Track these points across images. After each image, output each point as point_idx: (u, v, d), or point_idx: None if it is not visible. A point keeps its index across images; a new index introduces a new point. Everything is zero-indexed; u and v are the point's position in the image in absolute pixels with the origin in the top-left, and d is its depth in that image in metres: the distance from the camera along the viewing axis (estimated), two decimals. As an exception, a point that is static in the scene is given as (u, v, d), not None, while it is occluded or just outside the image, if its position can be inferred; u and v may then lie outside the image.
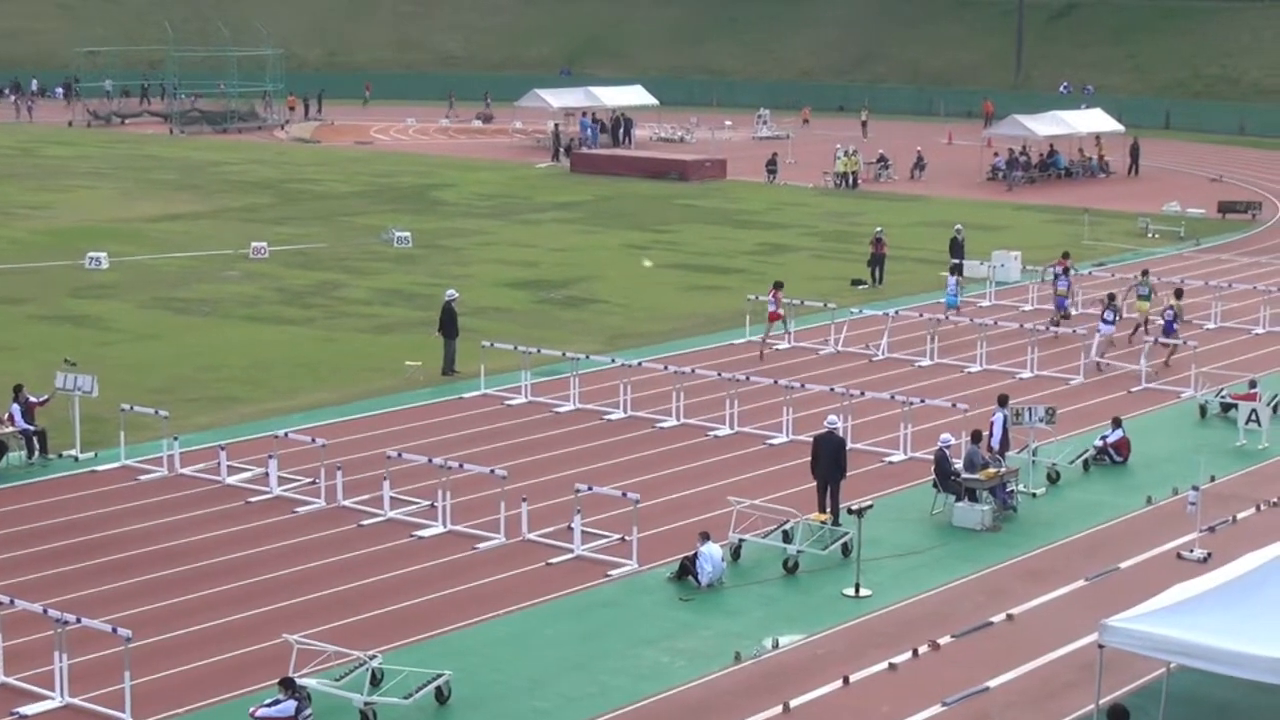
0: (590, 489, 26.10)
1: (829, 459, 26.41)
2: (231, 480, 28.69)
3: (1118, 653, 18.94)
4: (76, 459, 29.93)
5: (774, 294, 39.67)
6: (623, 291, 47.23)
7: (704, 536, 24.34)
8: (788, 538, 25.27)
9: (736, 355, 38.91)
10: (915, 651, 21.84)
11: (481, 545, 25.70)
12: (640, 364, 35.31)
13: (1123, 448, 30.68)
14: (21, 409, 29.83)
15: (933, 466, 27.75)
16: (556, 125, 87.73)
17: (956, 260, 47.59)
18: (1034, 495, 28.56)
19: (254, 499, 27.86)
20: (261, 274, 49.23)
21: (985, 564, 25.33)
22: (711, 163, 76.73)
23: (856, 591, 23.90)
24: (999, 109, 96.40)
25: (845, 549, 25.22)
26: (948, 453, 27.41)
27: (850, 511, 24.66)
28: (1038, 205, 67.38)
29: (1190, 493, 25.81)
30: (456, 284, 41.59)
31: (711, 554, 24.14)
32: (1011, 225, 61.16)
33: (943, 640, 22.25)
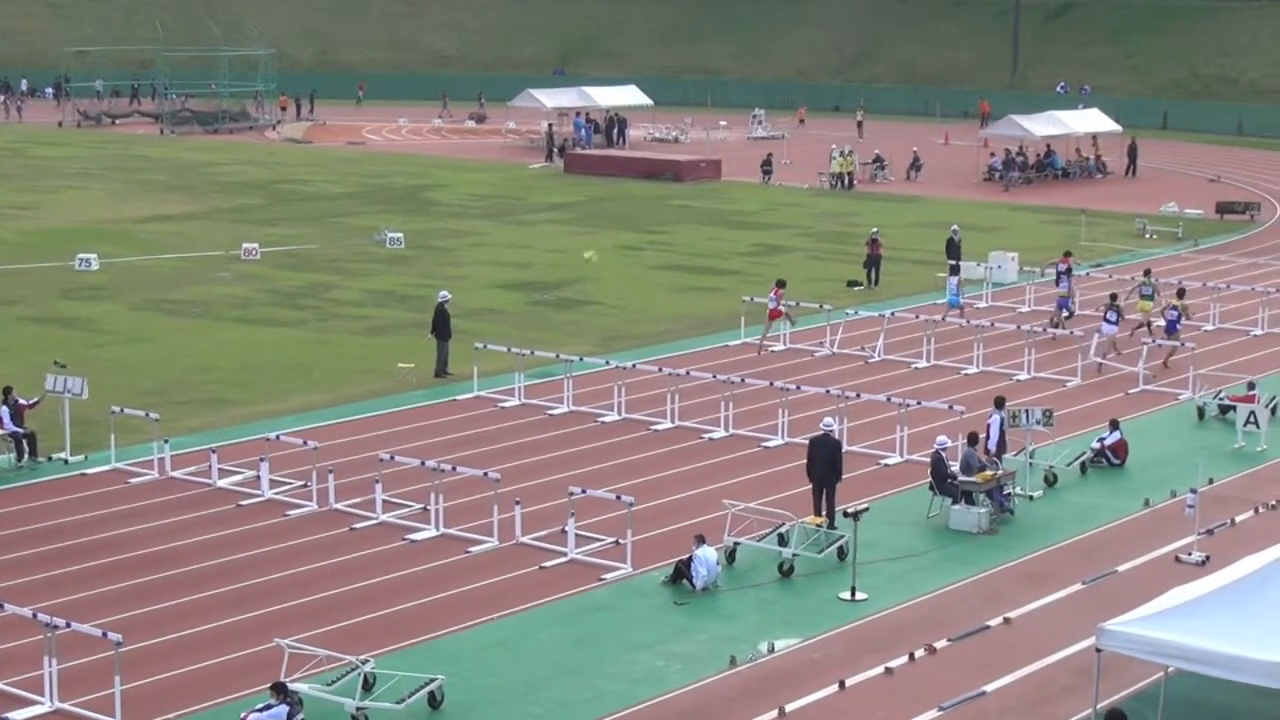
0: (584, 492, 25.98)
1: (825, 461, 26.33)
2: (223, 483, 28.54)
3: (1115, 657, 18.93)
4: (66, 462, 29.77)
5: (775, 292, 39.62)
6: (617, 293, 47.09)
7: (699, 540, 24.22)
8: (783, 541, 25.18)
9: (731, 357, 38.78)
10: (911, 655, 21.74)
11: (474, 549, 25.57)
12: (634, 366, 35.18)
13: (1120, 450, 30.56)
14: (11, 411, 29.69)
15: (929, 469, 27.65)
16: (550, 125, 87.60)
17: (955, 261, 47.40)
18: (1031, 498, 28.45)
19: (245, 502, 27.72)
20: (253, 275, 49.07)
21: (982, 567, 25.23)
22: (706, 163, 76.59)
23: (852, 595, 23.80)
24: (995, 109, 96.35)
25: (841, 552, 25.11)
26: (944, 455, 27.29)
27: (846, 514, 24.52)
28: (1034, 206, 67.30)
29: (1188, 495, 25.71)
30: (449, 285, 41.43)
31: (706, 557, 24.02)
32: (1008, 226, 61.07)
33: (939, 644, 22.16)
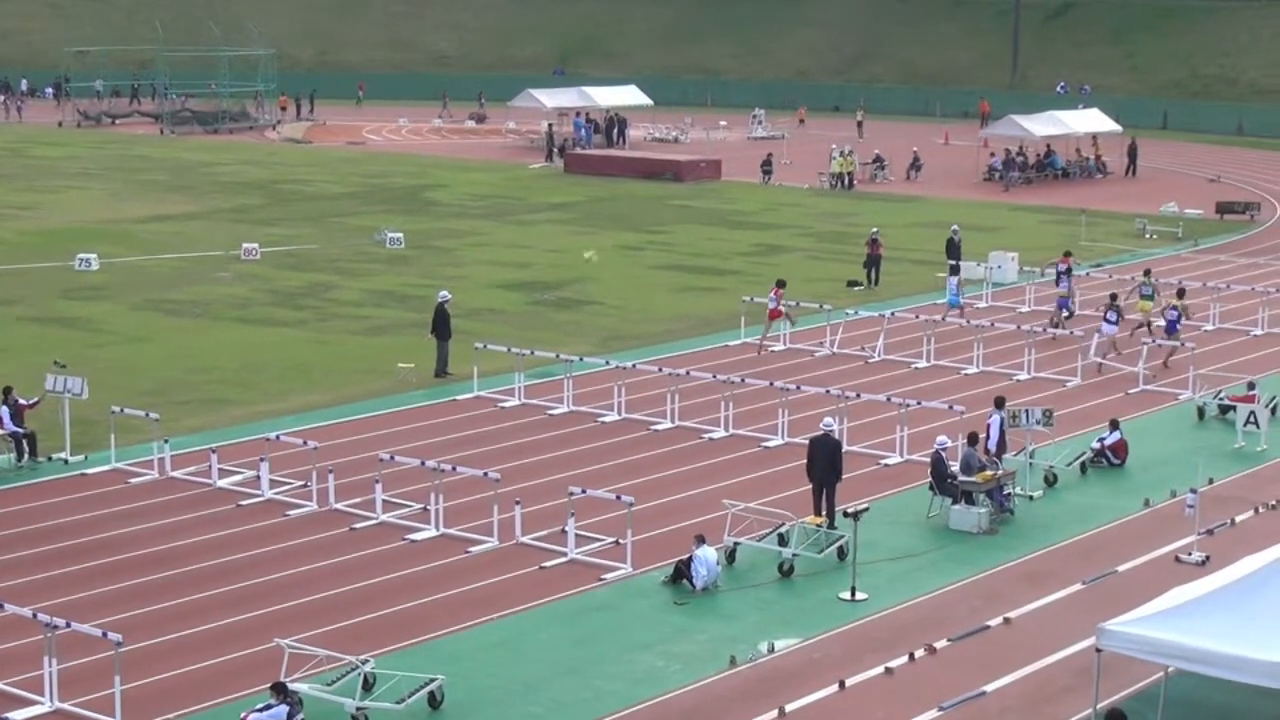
0: (584, 492, 25.97)
1: (825, 461, 26.31)
2: (222, 483, 28.52)
3: (1115, 657, 18.91)
4: (66, 462, 29.75)
5: (775, 292, 39.63)
6: (617, 293, 47.07)
7: (699, 540, 24.21)
8: (783, 541, 25.16)
9: (731, 357, 38.76)
10: (911, 655, 21.73)
11: (474, 549, 25.56)
12: (635, 366, 35.16)
13: (1120, 450, 30.54)
14: (11, 411, 29.67)
15: (929, 469, 27.63)
16: (550, 125, 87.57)
17: (956, 261, 47.36)
18: (1031, 498, 28.43)
19: (245, 502, 27.70)
20: (253, 275, 49.04)
21: (982, 567, 25.21)
22: (706, 163, 76.55)
23: (852, 595, 23.79)
24: (995, 109, 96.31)
25: (841, 552, 25.09)
26: (944, 455, 27.28)
27: (846, 514, 24.50)
28: (1034, 206, 67.27)
29: (1188, 495, 25.69)
30: (449, 285, 41.41)
31: (706, 557, 24.00)
32: (1008, 226, 61.04)
33: (939, 644, 22.14)
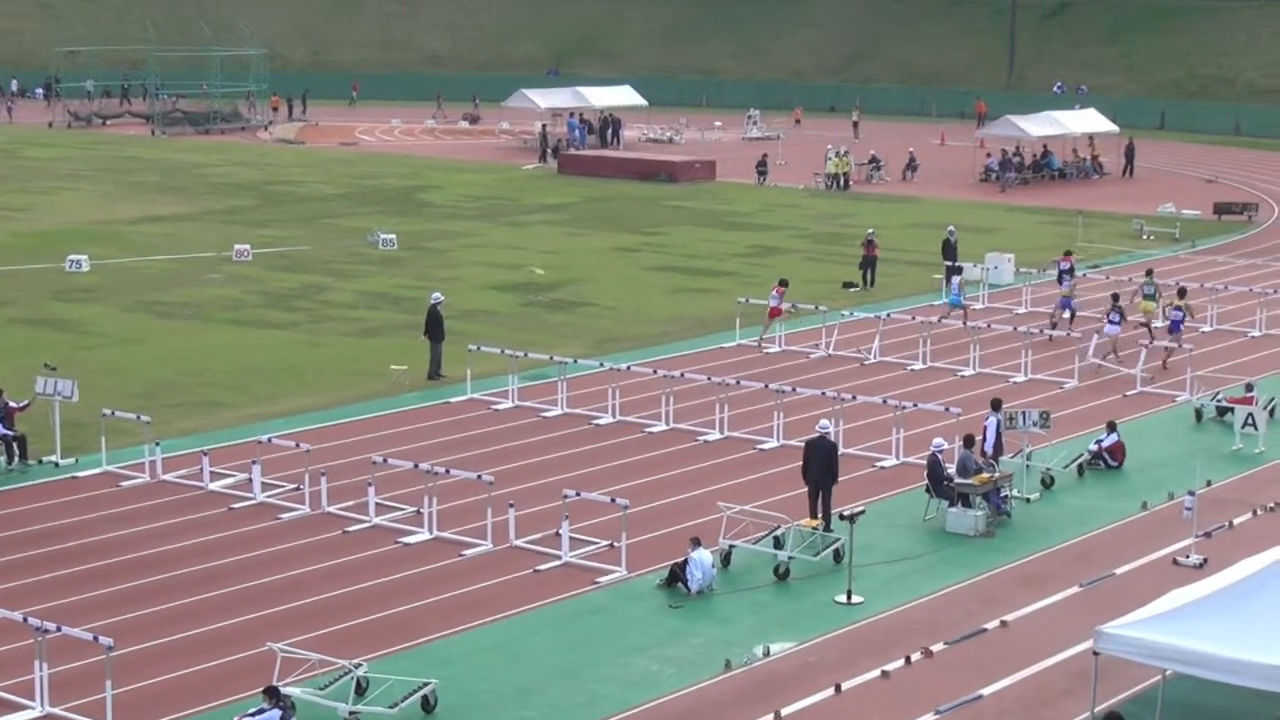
0: (578, 494, 25.88)
1: (820, 464, 26.23)
2: (214, 486, 28.41)
3: (1113, 660, 18.88)
4: (57, 465, 29.63)
5: (778, 290, 39.65)
6: (611, 294, 46.97)
7: (694, 542, 24.11)
8: (779, 544, 25.07)
9: (727, 359, 38.66)
10: (908, 659, 21.65)
11: (468, 552, 25.45)
12: (629, 368, 35.06)
13: (1118, 452, 30.46)
14: (1, 414, 29.53)
15: (925, 471, 27.54)
16: (544, 126, 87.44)
17: (956, 262, 47.13)
18: (1028, 500, 28.34)
19: (237, 505, 27.59)
20: (245, 277, 48.91)
21: (979, 570, 25.13)
22: (701, 164, 76.46)
23: (848, 598, 23.69)
24: (992, 109, 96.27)
25: (837, 555, 24.98)
26: (940, 457, 27.19)
27: (842, 517, 24.44)
28: (1031, 207, 67.22)
29: (1186, 498, 25.67)
30: (443, 287, 41.33)
31: (702, 560, 23.91)
32: (1005, 227, 60.98)
33: (936, 647, 22.06)
